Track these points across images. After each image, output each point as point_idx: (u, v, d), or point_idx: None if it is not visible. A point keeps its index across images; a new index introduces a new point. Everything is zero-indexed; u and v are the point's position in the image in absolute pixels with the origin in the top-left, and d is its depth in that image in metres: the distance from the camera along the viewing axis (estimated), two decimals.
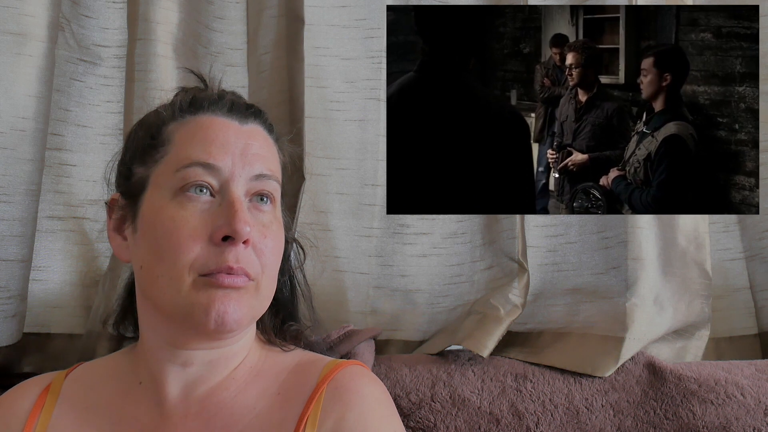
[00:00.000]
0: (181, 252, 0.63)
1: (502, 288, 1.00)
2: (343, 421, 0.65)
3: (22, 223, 0.93)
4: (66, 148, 1.04)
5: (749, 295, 1.11)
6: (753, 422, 0.86)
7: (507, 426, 0.88)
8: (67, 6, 1.05)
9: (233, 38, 1.11)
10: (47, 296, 1.01)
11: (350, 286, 1.04)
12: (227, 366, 0.70)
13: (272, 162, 0.71)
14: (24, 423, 0.69)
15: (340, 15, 1.08)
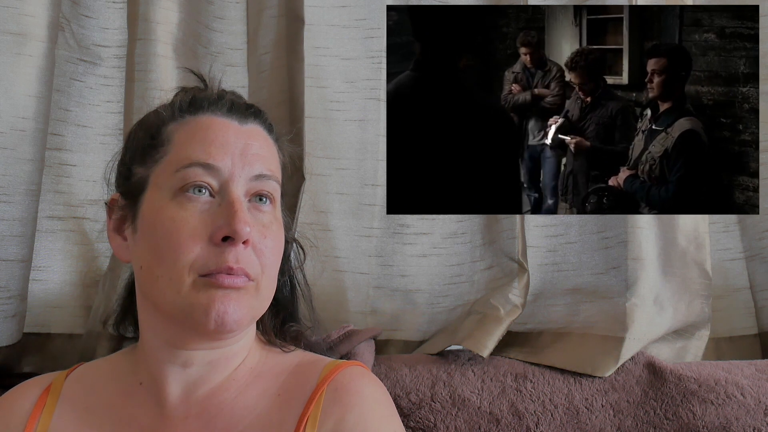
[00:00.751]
0: (181, 252, 0.63)
1: (502, 288, 1.00)
2: (343, 422, 0.65)
3: (22, 223, 0.93)
4: (66, 148, 1.04)
5: (749, 295, 1.11)
6: (753, 422, 0.86)
7: (507, 426, 0.88)
8: (67, 6, 1.05)
9: (233, 38, 1.11)
10: (47, 296, 1.01)
11: (350, 286, 1.04)
12: (227, 366, 0.70)
13: (272, 162, 0.71)
14: (24, 423, 0.69)
15: (340, 15, 1.08)
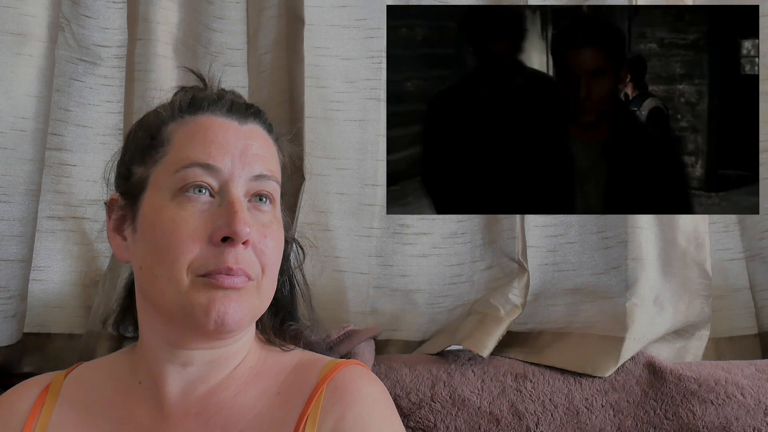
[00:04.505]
0: (181, 253, 0.63)
1: (502, 288, 1.00)
2: (343, 421, 0.65)
3: (22, 223, 0.93)
4: (66, 148, 1.04)
5: (749, 295, 1.11)
6: (753, 422, 0.86)
7: (507, 426, 0.88)
8: (67, 6, 1.05)
9: (233, 38, 1.11)
10: (47, 296, 1.01)
11: (350, 286, 1.04)
12: (227, 366, 0.70)
13: (272, 162, 0.71)
14: (23, 423, 0.69)
15: (340, 15, 1.08)
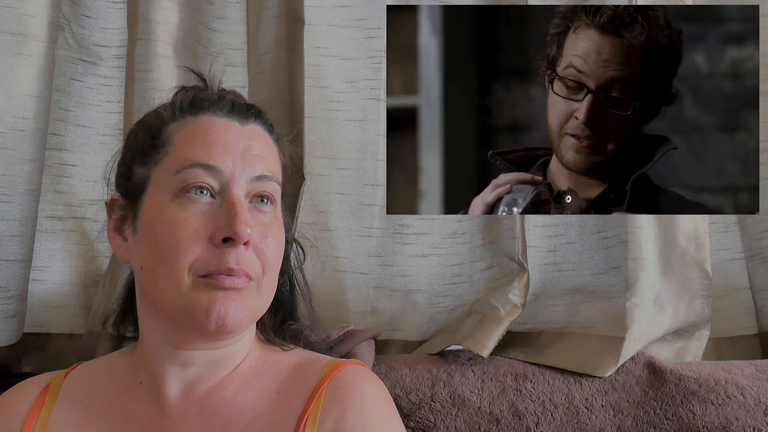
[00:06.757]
0: (182, 253, 0.63)
1: (502, 288, 1.00)
2: (343, 420, 0.65)
3: (22, 223, 0.93)
4: (66, 148, 1.04)
5: (749, 295, 1.10)
6: (753, 422, 0.86)
7: (507, 426, 0.88)
8: (67, 6, 1.05)
9: (233, 38, 1.11)
10: (47, 296, 1.01)
11: (350, 286, 1.04)
12: (227, 366, 0.70)
13: (273, 163, 0.71)
14: (23, 422, 0.69)
15: (340, 15, 1.08)
